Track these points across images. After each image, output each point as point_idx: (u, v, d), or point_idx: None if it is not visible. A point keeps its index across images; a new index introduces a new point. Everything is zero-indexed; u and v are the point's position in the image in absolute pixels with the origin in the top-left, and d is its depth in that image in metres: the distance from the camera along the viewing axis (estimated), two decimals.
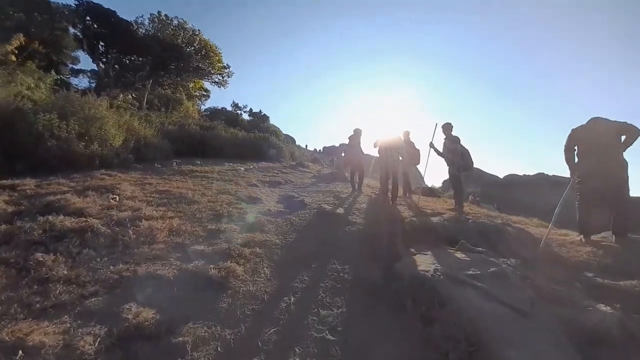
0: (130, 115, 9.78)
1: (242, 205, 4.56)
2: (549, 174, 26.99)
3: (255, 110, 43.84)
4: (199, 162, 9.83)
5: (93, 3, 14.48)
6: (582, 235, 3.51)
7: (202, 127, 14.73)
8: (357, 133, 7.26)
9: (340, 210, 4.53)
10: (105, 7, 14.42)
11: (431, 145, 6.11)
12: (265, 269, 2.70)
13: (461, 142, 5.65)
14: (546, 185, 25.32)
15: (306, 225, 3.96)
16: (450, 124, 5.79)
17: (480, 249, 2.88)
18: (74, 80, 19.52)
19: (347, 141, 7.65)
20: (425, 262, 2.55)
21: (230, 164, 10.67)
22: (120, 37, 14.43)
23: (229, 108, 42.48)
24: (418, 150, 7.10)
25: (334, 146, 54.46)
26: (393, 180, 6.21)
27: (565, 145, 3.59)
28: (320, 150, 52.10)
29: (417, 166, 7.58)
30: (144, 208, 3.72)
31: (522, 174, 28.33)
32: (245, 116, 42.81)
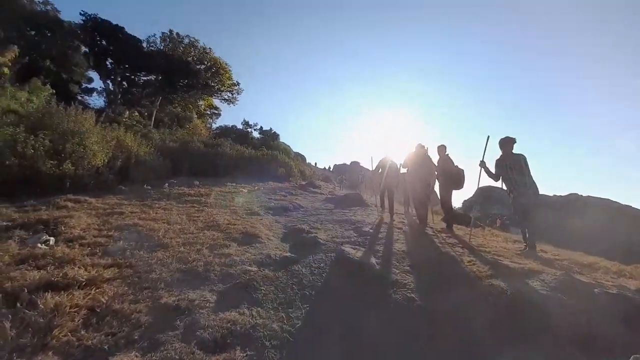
0: (125, 131, 8.87)
1: (230, 248, 3.25)
2: (582, 194, 24.76)
3: (265, 128, 43.71)
4: (197, 183, 8.69)
5: (101, 19, 14.27)
6: None
7: (206, 144, 13.85)
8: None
9: (372, 260, 3.13)
10: (114, 23, 14.17)
11: (482, 164, 4.73)
12: None
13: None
14: (579, 207, 23.07)
15: (321, 287, 2.59)
16: (513, 138, 4.46)
17: None
18: (89, 99, 19.33)
19: (382, 159, 6.67)
20: None
21: (233, 184, 9.49)
22: (128, 53, 14.04)
23: (240, 126, 42.53)
24: (461, 170, 5.66)
25: (344, 164, 53.49)
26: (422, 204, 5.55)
27: None
28: (330, 168, 51.04)
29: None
30: (78, 261, 2.46)
31: (551, 194, 26.14)
32: (256, 134, 42.57)
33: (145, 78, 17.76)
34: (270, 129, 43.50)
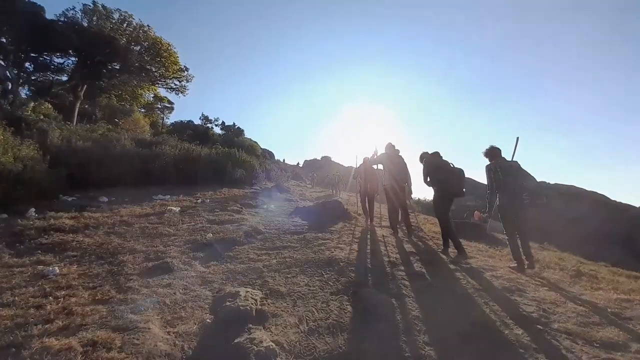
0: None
1: None
2: (550, 182, 25.10)
3: (228, 123, 39.93)
4: (104, 200, 5.95)
5: None
6: None
7: (141, 143, 10.80)
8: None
9: None
10: None
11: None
12: None
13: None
14: (550, 196, 23.20)
15: None
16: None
17: None
18: None
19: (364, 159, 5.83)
20: None
21: (165, 197, 6.84)
22: (23, 24, 10.39)
23: (198, 121, 38.30)
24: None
25: (315, 160, 51.44)
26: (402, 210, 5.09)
27: None
28: (300, 164, 48.60)
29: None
30: None
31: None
32: (217, 130, 38.70)
33: (59, 60, 13.92)
34: (234, 124, 39.91)
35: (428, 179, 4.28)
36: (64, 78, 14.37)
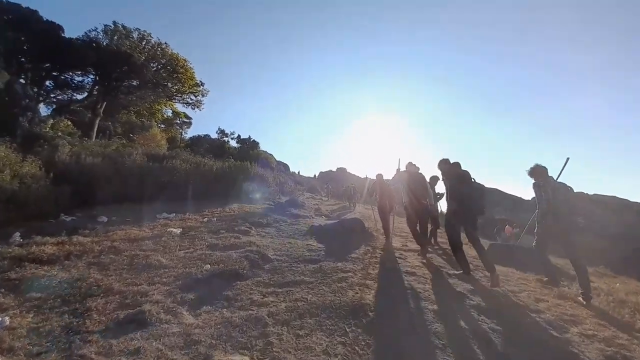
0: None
1: None
2: (589, 193, 23.00)
3: (244, 136, 40.36)
4: (104, 220, 5.51)
5: (9, 3, 10.84)
6: None
7: (154, 158, 10.56)
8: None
9: None
10: (24, 6, 10.78)
11: None
12: None
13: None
14: (590, 208, 21.19)
15: None
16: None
17: None
18: None
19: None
20: None
21: (170, 215, 6.34)
22: (42, 42, 10.64)
23: (215, 135, 38.93)
24: None
25: (330, 171, 50.85)
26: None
27: None
28: (316, 176, 48.10)
29: None
30: None
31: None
32: (233, 143, 39.13)
33: (79, 78, 14.28)
34: (249, 137, 40.26)
35: (448, 194, 3.96)
36: (84, 95, 14.65)
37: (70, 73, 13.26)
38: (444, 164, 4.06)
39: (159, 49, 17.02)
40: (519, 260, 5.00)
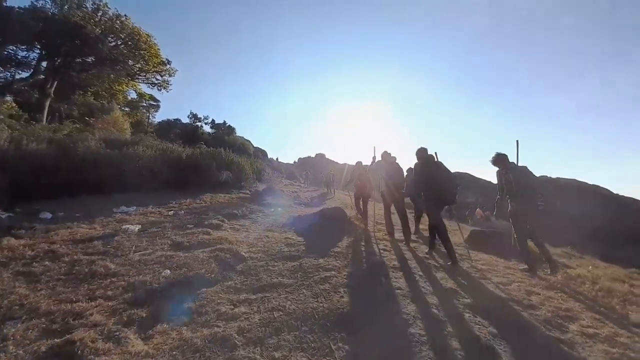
0: None
1: None
2: (552, 177, 24.39)
3: (218, 121, 38.43)
4: (46, 217, 4.75)
5: None
6: None
7: (113, 144, 9.49)
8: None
9: None
10: None
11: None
12: None
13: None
14: (552, 191, 22.49)
15: None
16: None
17: None
18: None
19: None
20: None
21: (129, 209, 5.65)
22: None
23: (187, 119, 36.69)
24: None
25: (309, 157, 50.23)
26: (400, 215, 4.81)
27: None
28: (295, 162, 47.31)
29: None
30: None
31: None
32: (207, 128, 37.14)
33: (23, 53, 12.45)
34: (224, 122, 38.39)
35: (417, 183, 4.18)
36: (30, 72, 12.90)
37: (13, 47, 11.49)
38: (422, 152, 4.21)
39: (118, 22, 15.18)
40: (496, 245, 4.98)
